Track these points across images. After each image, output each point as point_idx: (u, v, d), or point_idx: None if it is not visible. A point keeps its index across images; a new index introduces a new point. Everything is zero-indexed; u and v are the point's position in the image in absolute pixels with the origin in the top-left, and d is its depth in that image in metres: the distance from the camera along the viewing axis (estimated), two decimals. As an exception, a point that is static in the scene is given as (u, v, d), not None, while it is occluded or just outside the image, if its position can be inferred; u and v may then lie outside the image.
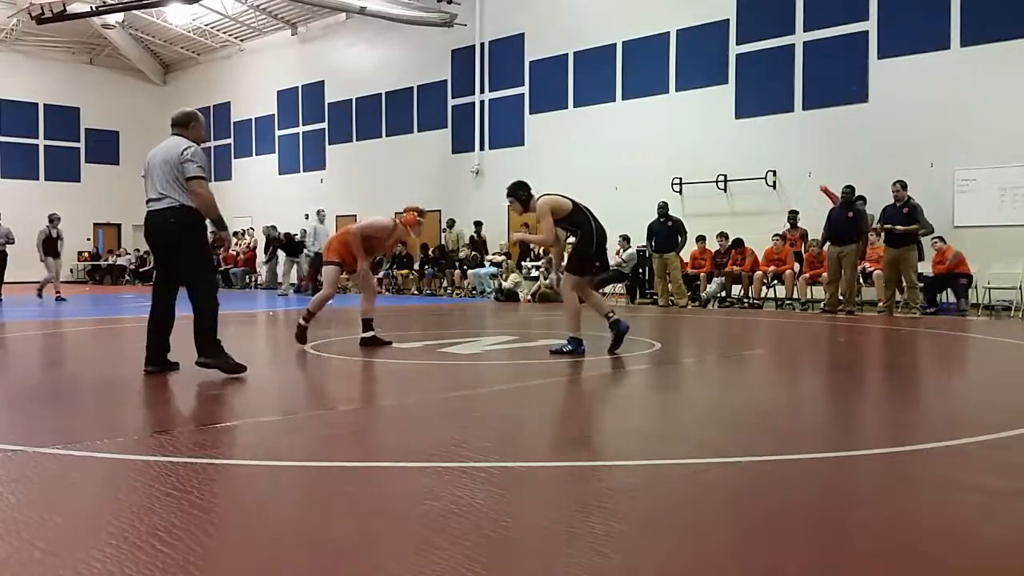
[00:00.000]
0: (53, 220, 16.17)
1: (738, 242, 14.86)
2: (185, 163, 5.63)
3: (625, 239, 15.92)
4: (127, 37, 28.03)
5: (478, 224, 19.27)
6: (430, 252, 19.71)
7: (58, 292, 16.17)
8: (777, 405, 5.22)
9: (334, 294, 7.96)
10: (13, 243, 16.01)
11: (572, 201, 7.09)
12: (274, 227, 21.69)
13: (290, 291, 19.58)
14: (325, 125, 24.46)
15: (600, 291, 16.52)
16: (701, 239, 15.38)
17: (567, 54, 18.48)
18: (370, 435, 4.24)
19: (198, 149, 5.77)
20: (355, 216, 23.51)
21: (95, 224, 29.42)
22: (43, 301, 15.80)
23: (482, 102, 20.33)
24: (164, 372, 5.82)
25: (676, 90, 16.74)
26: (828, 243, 12.74)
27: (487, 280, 18.05)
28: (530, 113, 19.35)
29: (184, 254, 5.72)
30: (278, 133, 26.08)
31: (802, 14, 15.01)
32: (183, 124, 5.89)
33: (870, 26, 14.24)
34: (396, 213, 7.76)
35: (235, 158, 27.79)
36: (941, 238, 12.56)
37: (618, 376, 6.38)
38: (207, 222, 5.85)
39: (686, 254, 15.25)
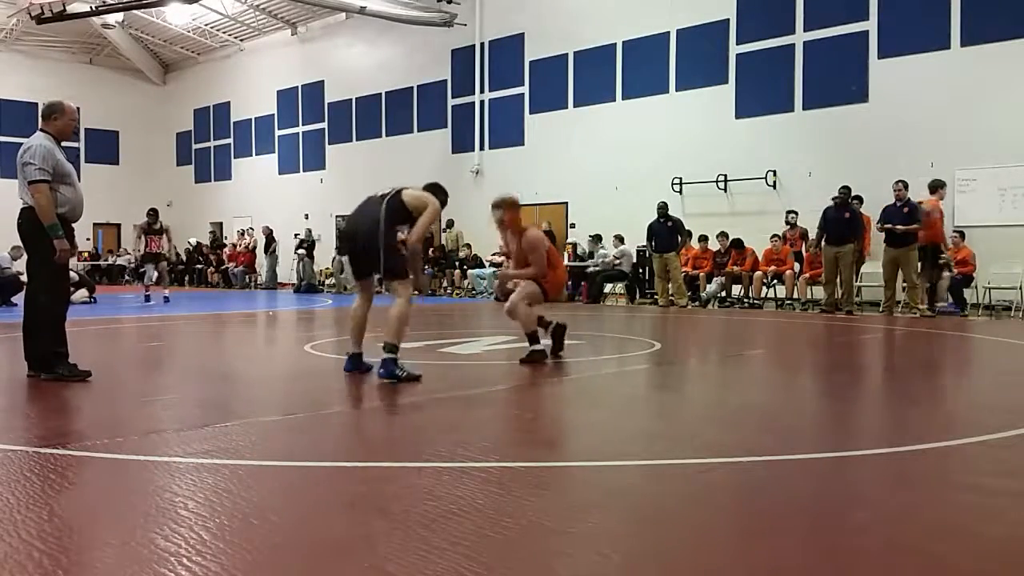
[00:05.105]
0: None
1: (738, 242, 14.86)
2: (25, 166, 5.30)
3: (619, 239, 16.01)
4: (127, 37, 28.02)
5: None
6: (431, 252, 19.70)
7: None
8: (777, 405, 5.22)
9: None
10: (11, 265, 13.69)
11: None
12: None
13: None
14: (325, 125, 24.45)
15: (602, 291, 16.63)
16: (703, 239, 15.39)
17: (567, 54, 18.46)
18: (370, 435, 4.24)
19: (40, 147, 5.33)
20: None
21: (95, 224, 29.38)
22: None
23: (482, 102, 20.32)
24: (38, 376, 5.55)
25: (676, 90, 16.73)
26: (824, 243, 12.69)
27: (480, 281, 18.03)
28: (530, 113, 19.33)
29: (29, 257, 5.53)
30: (278, 133, 26.07)
31: (802, 14, 15.00)
32: (45, 117, 5.51)
33: (870, 26, 14.23)
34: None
35: (235, 158, 27.78)
36: (961, 233, 12.53)
37: (618, 376, 6.38)
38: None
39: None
